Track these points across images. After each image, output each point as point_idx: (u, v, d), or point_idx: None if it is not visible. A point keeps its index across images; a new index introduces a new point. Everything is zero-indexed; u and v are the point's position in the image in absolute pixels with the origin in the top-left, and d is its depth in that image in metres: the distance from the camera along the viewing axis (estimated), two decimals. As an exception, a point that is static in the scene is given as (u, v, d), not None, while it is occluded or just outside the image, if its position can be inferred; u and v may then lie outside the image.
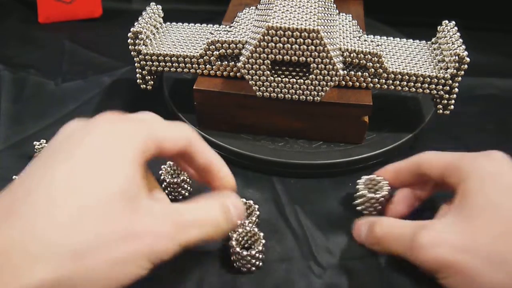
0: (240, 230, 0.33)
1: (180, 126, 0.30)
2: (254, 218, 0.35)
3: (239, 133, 0.44)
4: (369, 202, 0.35)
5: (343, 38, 0.41)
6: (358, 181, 0.37)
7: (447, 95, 0.41)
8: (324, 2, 0.39)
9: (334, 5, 0.41)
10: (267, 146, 0.43)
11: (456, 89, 0.40)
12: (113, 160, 0.24)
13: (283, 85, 0.39)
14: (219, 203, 0.28)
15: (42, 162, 0.24)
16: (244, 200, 0.36)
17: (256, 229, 0.34)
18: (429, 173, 0.32)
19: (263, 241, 0.33)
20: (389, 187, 0.35)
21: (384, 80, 0.41)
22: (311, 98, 0.39)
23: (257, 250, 0.32)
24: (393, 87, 0.41)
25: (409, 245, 0.28)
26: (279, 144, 0.43)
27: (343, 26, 0.43)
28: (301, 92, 0.39)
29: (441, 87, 0.40)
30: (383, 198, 0.35)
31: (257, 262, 0.33)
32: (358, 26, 0.44)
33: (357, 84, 0.41)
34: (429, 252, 0.27)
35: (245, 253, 0.32)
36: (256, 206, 0.36)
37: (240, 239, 0.34)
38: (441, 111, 0.42)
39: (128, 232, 0.23)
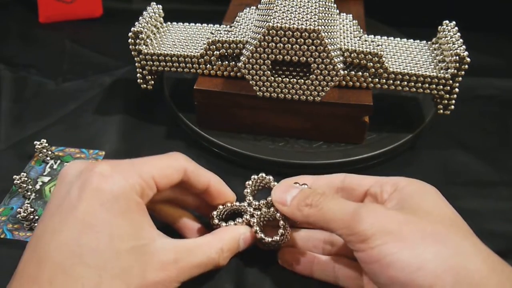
0: (259, 212, 0.33)
1: (171, 159, 0.31)
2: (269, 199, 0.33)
3: (239, 133, 0.44)
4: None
5: (344, 38, 0.41)
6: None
7: (447, 95, 0.41)
8: (325, 2, 0.39)
9: (335, 5, 0.41)
10: (267, 146, 0.43)
11: (457, 89, 0.40)
12: (116, 217, 0.26)
13: (283, 85, 0.39)
14: (218, 245, 0.30)
15: (45, 228, 0.26)
16: (263, 175, 0.35)
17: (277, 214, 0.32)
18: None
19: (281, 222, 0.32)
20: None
21: (384, 80, 0.41)
22: (312, 98, 0.39)
23: (281, 233, 0.31)
24: (393, 87, 0.41)
25: (351, 214, 0.27)
26: (279, 144, 0.43)
27: (343, 26, 0.44)
28: (301, 92, 0.39)
29: (441, 87, 0.40)
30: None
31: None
32: (359, 26, 0.44)
33: (358, 84, 0.41)
34: (371, 217, 0.26)
35: (269, 239, 0.31)
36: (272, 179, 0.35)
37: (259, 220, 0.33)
38: (441, 111, 0.42)
39: (141, 285, 0.26)
